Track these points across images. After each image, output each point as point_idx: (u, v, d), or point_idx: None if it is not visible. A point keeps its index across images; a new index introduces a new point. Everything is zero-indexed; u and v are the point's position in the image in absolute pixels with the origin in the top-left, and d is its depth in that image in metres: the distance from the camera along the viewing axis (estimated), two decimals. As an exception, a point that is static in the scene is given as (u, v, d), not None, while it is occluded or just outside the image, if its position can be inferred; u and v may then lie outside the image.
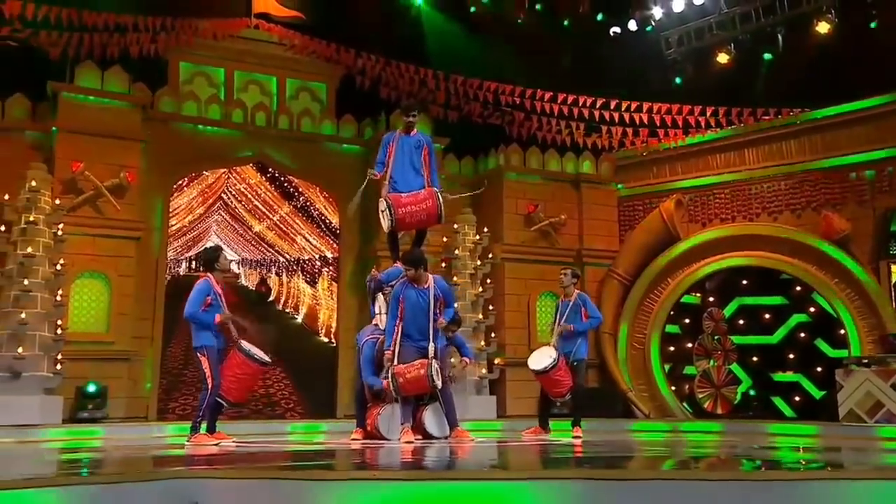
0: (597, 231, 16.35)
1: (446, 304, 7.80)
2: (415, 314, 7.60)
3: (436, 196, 7.89)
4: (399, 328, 7.59)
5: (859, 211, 14.54)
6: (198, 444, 7.69)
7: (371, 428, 8.02)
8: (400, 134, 8.25)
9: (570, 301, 9.58)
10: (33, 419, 11.09)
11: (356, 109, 15.97)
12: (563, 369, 9.13)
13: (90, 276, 12.96)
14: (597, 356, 15.62)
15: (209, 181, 15.05)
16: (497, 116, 16.23)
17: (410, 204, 7.83)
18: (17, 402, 11.05)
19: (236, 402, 8.33)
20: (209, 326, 7.73)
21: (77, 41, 13.81)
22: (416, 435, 7.75)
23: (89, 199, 13.11)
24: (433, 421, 7.81)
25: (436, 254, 15.30)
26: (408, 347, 7.57)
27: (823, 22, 15.15)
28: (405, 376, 7.35)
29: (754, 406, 15.77)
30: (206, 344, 7.75)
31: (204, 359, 7.75)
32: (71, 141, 13.22)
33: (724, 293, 16.12)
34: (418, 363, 7.39)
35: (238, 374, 7.87)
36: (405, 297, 7.61)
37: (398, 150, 8.10)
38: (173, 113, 14.46)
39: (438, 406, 7.78)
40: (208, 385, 7.77)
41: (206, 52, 15.37)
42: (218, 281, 8.01)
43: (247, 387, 8.27)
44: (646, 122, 16.17)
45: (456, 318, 8.44)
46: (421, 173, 8.15)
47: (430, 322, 7.58)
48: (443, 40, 16.79)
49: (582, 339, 9.47)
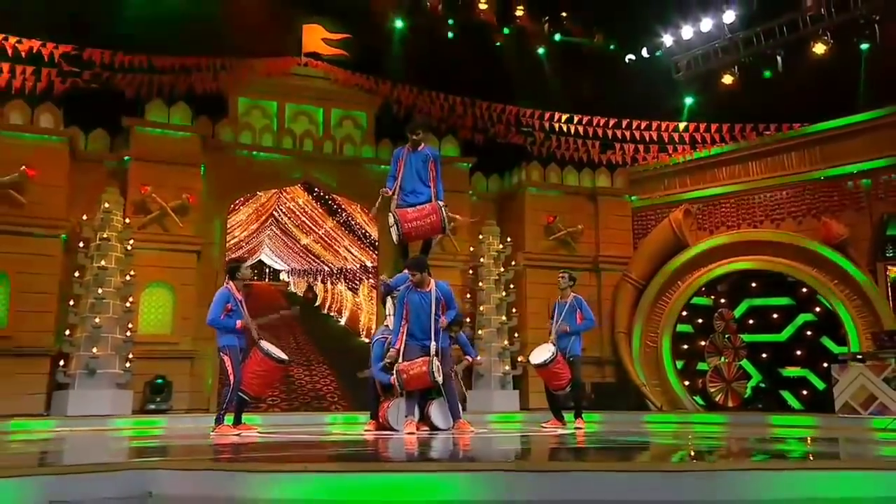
0: (612, 239, 16.32)
1: (448, 306, 7.76)
2: (418, 315, 7.56)
3: (440, 211, 7.82)
4: (404, 328, 7.56)
5: (857, 217, 14.28)
6: (221, 434, 7.72)
7: (382, 420, 8.04)
8: (408, 150, 8.16)
9: (566, 302, 9.42)
10: (106, 410, 11.58)
11: (393, 134, 16.09)
12: (561, 363, 9.02)
13: (157, 285, 13.42)
14: (612, 354, 15.70)
15: (262, 200, 15.41)
16: (519, 137, 16.43)
17: (416, 219, 7.81)
18: (92, 396, 11.62)
19: (257, 395, 8.33)
20: (231, 329, 7.82)
21: (148, 81, 14.51)
22: (424, 426, 7.77)
23: (156, 218, 13.58)
24: (439, 414, 7.78)
25: (464, 262, 15.61)
26: (412, 346, 7.52)
27: (820, 44, 15.02)
28: (409, 373, 7.35)
29: (764, 399, 15.56)
30: (228, 345, 7.83)
31: (227, 358, 7.83)
32: (141, 168, 13.74)
33: (735, 295, 15.93)
34: (420, 360, 7.36)
35: (258, 371, 7.89)
36: (409, 300, 7.59)
37: (406, 165, 8.04)
38: (231, 142, 14.97)
39: (443, 401, 7.76)
40: (231, 381, 7.87)
41: (261, 88, 15.88)
42: (238, 289, 8.09)
43: (266, 382, 8.29)
44: (655, 140, 16.22)
45: (458, 319, 8.34)
46: (428, 185, 8.02)
47: (433, 322, 7.52)
48: (469, 70, 16.96)
49: (576, 338, 9.32)
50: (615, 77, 17.11)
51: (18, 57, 13.39)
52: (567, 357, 9.13)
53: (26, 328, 12.26)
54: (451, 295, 7.92)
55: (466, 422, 7.83)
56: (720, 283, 15.75)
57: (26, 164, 12.41)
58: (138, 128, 13.92)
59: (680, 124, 16.36)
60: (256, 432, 8.05)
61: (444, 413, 7.77)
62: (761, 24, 15.65)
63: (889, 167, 13.99)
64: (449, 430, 7.65)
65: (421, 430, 7.68)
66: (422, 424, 7.78)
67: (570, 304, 9.38)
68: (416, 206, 7.96)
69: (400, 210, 7.84)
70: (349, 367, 14.77)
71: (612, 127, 16.34)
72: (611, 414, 13.10)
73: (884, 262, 14.02)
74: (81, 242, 12.64)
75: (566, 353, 9.14)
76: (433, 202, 7.93)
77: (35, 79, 13.42)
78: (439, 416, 7.76)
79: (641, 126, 16.23)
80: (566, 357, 9.11)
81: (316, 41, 16.33)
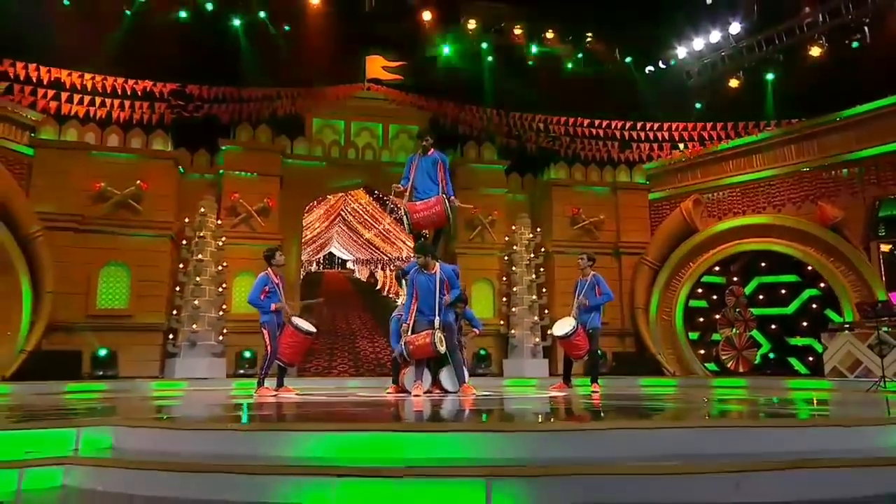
0: (631, 227, 16.44)
1: (451, 286, 7.67)
2: (425, 294, 7.53)
3: (443, 202, 7.76)
4: (414, 306, 7.59)
5: (851, 201, 14.08)
6: (261, 395, 7.97)
7: (400, 384, 8.09)
8: (419, 155, 8.22)
9: (586, 280, 9.28)
10: (204, 375, 12.73)
11: (440, 143, 16.76)
12: (581, 335, 8.93)
13: (245, 273, 14.26)
14: (632, 327, 15.93)
15: (331, 202, 16.26)
16: (547, 141, 16.85)
17: (423, 210, 7.83)
18: (193, 363, 12.86)
19: (290, 362, 8.48)
20: (268, 310, 8.02)
21: (238, 109, 15.66)
22: (437, 389, 7.87)
23: (243, 219, 14.70)
24: (448, 379, 7.86)
25: (500, 250, 16.18)
26: (421, 321, 7.54)
27: (816, 47, 14.90)
28: (415, 344, 7.39)
29: (773, 365, 15.53)
30: (266, 321, 8.04)
31: (265, 332, 8.06)
32: (232, 179, 14.88)
33: (746, 274, 15.94)
34: (424, 333, 7.36)
35: (290, 343, 8.13)
36: (417, 282, 7.60)
37: (418, 168, 8.09)
38: (306, 155, 15.99)
39: (452, 368, 7.78)
40: (267, 351, 8.14)
41: (332, 110, 16.80)
42: (276, 273, 8.27)
43: (297, 351, 8.41)
44: (667, 139, 16.38)
45: (462, 297, 8.15)
46: (436, 183, 8.01)
47: (437, 300, 7.50)
48: (504, 85, 17.39)
49: (596, 312, 9.12)
50: (634, 86, 17.27)
51: (136, 95, 14.80)
52: (587, 329, 9.03)
53: (143, 309, 13.56)
54: (454, 276, 7.84)
55: (470, 385, 7.86)
56: (733, 263, 15.78)
57: (142, 179, 13.80)
58: (229, 147, 15.04)
59: (690, 124, 16.44)
60: (294, 394, 8.32)
61: (452, 378, 7.82)
62: (763, 33, 15.63)
63: (880, 155, 13.80)
64: (456, 392, 7.72)
65: (435, 391, 7.83)
66: (435, 387, 7.89)
67: (590, 282, 9.26)
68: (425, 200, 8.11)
69: (409, 204, 7.97)
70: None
71: (628, 129, 16.58)
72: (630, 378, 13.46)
73: (876, 241, 13.81)
74: (185, 240, 13.93)
75: (587, 325, 9.03)
76: (439, 195, 7.89)
77: (150, 111, 14.80)
78: (448, 380, 7.85)
79: (656, 127, 16.37)
80: (586, 329, 9.02)
81: (377, 69, 17.05)
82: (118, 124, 14.39)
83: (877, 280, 13.47)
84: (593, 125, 16.68)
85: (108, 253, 13.55)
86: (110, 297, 13.55)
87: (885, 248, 13.78)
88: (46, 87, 13.90)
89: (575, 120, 16.66)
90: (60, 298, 12.76)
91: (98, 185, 13.52)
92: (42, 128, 13.69)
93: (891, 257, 13.73)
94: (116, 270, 13.64)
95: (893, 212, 13.72)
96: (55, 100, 14.01)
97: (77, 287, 13.18)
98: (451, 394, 7.71)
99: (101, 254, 13.51)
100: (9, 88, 13.52)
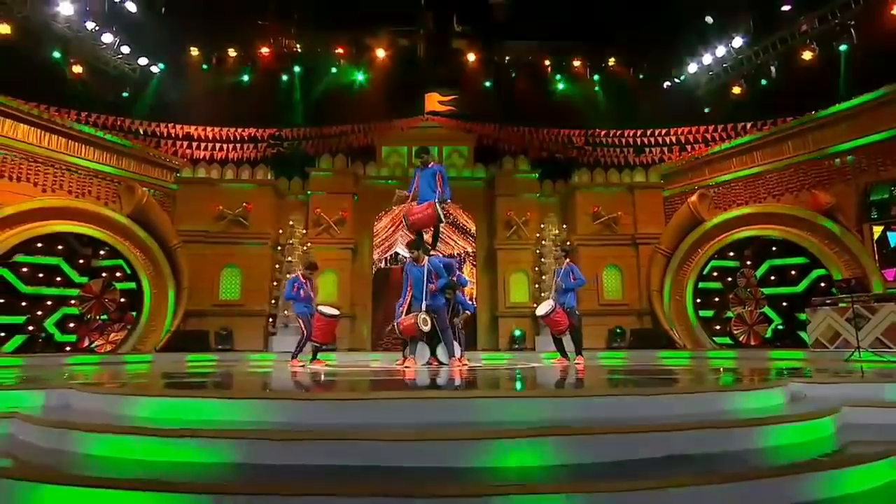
0: (647, 221, 16.00)
1: (439, 275, 7.62)
2: (416, 284, 7.55)
3: (433, 206, 7.73)
4: (410, 294, 7.62)
5: (844, 187, 13.10)
6: (293, 366, 8.34)
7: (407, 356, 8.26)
8: (421, 168, 8.14)
9: (562, 268, 9.39)
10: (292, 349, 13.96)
11: (484, 159, 17.30)
12: (559, 313, 8.87)
13: (328, 271, 15.40)
14: (648, 307, 15.55)
15: (395, 212, 17.01)
16: (572, 151, 16.85)
17: (418, 213, 7.89)
18: (286, 340, 13.93)
19: (322, 341, 8.70)
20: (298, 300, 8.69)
21: (321, 143, 17.01)
22: (434, 361, 7.99)
23: (324, 228, 15.81)
24: (443, 353, 7.93)
25: (532, 245, 16.37)
26: (414, 305, 7.58)
27: (807, 51, 13.97)
28: (403, 324, 7.44)
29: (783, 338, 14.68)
30: (300, 312, 8.70)
31: (300, 320, 8.70)
32: (316, 198, 16.01)
33: (758, 257, 15.16)
34: (412, 315, 7.39)
35: (319, 325, 8.51)
36: (410, 273, 7.65)
37: (421, 179, 8.04)
38: (376, 175, 16.88)
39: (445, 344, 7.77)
40: (303, 333, 8.66)
41: (398, 139, 17.54)
42: (303, 275, 8.90)
43: (326, 332, 8.64)
44: (677, 142, 15.90)
45: (450, 285, 8.05)
46: (434, 190, 7.91)
47: (424, 288, 7.51)
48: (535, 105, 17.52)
49: (572, 294, 9.10)
50: (650, 98, 16.88)
51: (244, 139, 16.54)
52: (565, 308, 8.99)
53: (251, 300, 14.96)
54: (441, 267, 7.78)
55: (458, 358, 7.86)
56: (746, 248, 15.05)
57: (248, 202, 15.41)
58: (314, 173, 16.22)
59: (701, 128, 15.85)
60: (325, 365, 8.64)
61: (445, 352, 7.85)
62: (759, 43, 14.84)
63: (869, 144, 12.74)
64: (448, 364, 7.74)
65: (433, 363, 7.97)
66: (434, 359, 8.02)
67: (565, 269, 9.39)
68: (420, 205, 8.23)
69: (408, 207, 8.11)
70: (458, 321, 16.11)
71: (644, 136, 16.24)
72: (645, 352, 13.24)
73: (869, 224, 12.76)
74: (279, 246, 15.39)
75: (564, 305, 9.01)
76: (431, 201, 7.85)
77: (255, 150, 16.50)
78: (443, 354, 7.93)
79: (668, 133, 15.92)
80: (564, 308, 8.98)
81: (434, 103, 17.77)
82: (232, 162, 16.10)
83: (869, 260, 12.46)
84: (608, 135, 16.46)
85: (226, 258, 15.11)
86: (228, 290, 15.13)
87: (878, 229, 12.71)
88: (182, 140, 15.90)
89: (594, 132, 16.53)
90: (193, 292, 14.55)
91: (218, 207, 15.29)
92: (183, 169, 15.70)
93: (883, 238, 12.65)
94: (232, 271, 15.19)
95: (884, 196, 12.63)
96: (188, 148, 16.00)
97: (205, 284, 14.86)
98: (444, 365, 7.72)
99: (221, 259, 15.10)
100: (158, 143, 15.67)
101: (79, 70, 14.43)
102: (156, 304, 14.04)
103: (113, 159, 14.39)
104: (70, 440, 3.52)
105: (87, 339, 13.58)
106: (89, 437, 3.45)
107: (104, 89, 15.16)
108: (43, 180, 13.17)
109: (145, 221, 14.05)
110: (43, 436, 3.57)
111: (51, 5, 13.82)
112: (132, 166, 14.68)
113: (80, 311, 13.60)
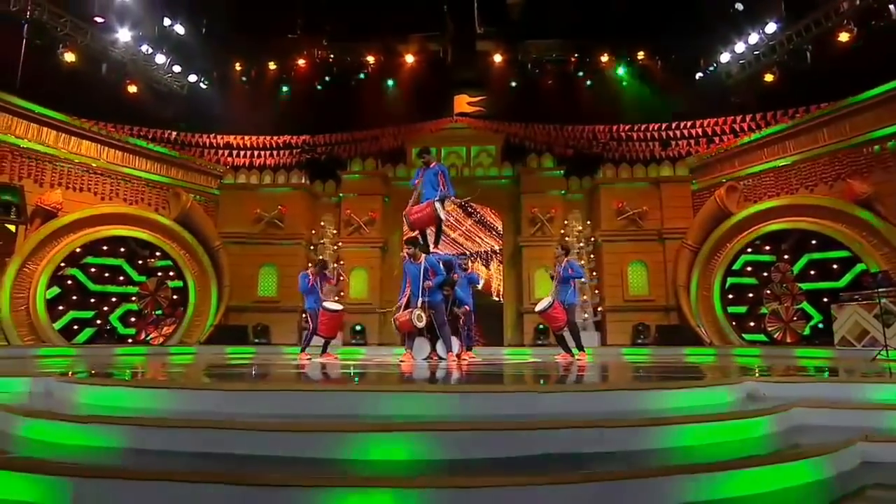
0: (674, 216, 15.33)
1: (435, 273, 7.57)
2: (414, 280, 7.54)
3: (432, 205, 7.64)
4: (408, 290, 7.64)
5: (884, 175, 12.01)
6: (301, 359, 8.48)
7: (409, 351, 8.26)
8: (423, 168, 8.11)
9: (561, 265, 9.03)
10: None
11: (512, 158, 17.14)
12: (558, 310, 8.54)
13: (359, 269, 15.84)
14: (675, 302, 14.95)
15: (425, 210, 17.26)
16: (597, 147, 16.38)
17: (417, 212, 7.82)
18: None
19: (328, 335, 8.76)
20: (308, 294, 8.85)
21: (351, 147, 17.34)
22: (434, 356, 7.96)
23: (355, 228, 16.18)
24: (442, 349, 7.88)
25: (557, 240, 16.02)
26: (412, 302, 7.54)
27: (844, 32, 12.91)
28: (400, 320, 7.43)
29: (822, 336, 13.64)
30: (308, 307, 8.82)
31: (309, 314, 8.83)
32: (347, 200, 16.40)
33: (796, 251, 14.18)
34: (408, 311, 7.35)
35: (324, 320, 8.59)
36: (408, 270, 7.66)
37: (424, 179, 7.97)
38: (406, 177, 16.96)
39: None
40: (311, 327, 8.76)
41: (427, 140, 17.44)
42: (312, 272, 8.97)
43: (331, 326, 8.67)
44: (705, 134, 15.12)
45: (446, 281, 7.95)
46: (436, 189, 7.81)
47: (421, 285, 7.47)
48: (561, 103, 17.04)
49: (572, 290, 8.77)
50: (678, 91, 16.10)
51: (279, 146, 17.19)
52: (563, 304, 8.67)
53: (286, 296, 15.45)
54: (437, 265, 7.71)
55: (455, 354, 7.77)
56: (783, 241, 14.14)
57: (284, 205, 16.07)
58: (345, 176, 16.60)
59: (729, 118, 14.99)
60: (335, 358, 8.75)
61: (443, 348, 7.82)
62: (793, 27, 13.84)
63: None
64: (445, 359, 7.71)
65: (434, 357, 7.99)
66: (434, 354, 8.01)
67: (564, 266, 9.01)
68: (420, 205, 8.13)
69: (408, 208, 8.03)
70: (486, 317, 15.98)
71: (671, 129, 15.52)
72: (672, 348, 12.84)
73: (911, 214, 11.68)
74: (312, 245, 15.92)
75: (564, 302, 8.69)
76: (430, 201, 7.77)
77: (290, 156, 17.13)
78: (442, 350, 7.89)
79: (696, 125, 15.16)
80: (563, 304, 8.66)
81: (462, 105, 17.71)
82: (269, 168, 16.80)
83: (909, 252, 11.41)
84: (633, 129, 15.86)
85: (264, 257, 15.77)
86: (266, 288, 15.82)
87: (920, 220, 11.59)
88: (222, 148, 16.78)
89: (618, 127, 15.99)
90: (234, 290, 15.33)
91: (256, 210, 16.04)
92: (225, 176, 16.59)
93: (926, 229, 11.53)
94: (269, 269, 15.85)
95: (928, 183, 11.51)
96: (229, 156, 16.86)
97: (245, 282, 15.58)
98: (443, 360, 7.70)
99: (259, 258, 15.77)
100: (201, 153, 16.62)
101: (133, 89, 15.51)
102: (200, 301, 14.92)
103: (162, 169, 15.39)
104: (9, 423, 3.86)
105: (143, 333, 14.66)
106: (24, 421, 3.74)
107: (159, 106, 16.22)
108: (101, 189, 14.29)
109: (190, 224, 14.95)
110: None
111: (110, 33, 14.93)
112: (179, 174, 15.64)
113: (138, 307, 14.68)
